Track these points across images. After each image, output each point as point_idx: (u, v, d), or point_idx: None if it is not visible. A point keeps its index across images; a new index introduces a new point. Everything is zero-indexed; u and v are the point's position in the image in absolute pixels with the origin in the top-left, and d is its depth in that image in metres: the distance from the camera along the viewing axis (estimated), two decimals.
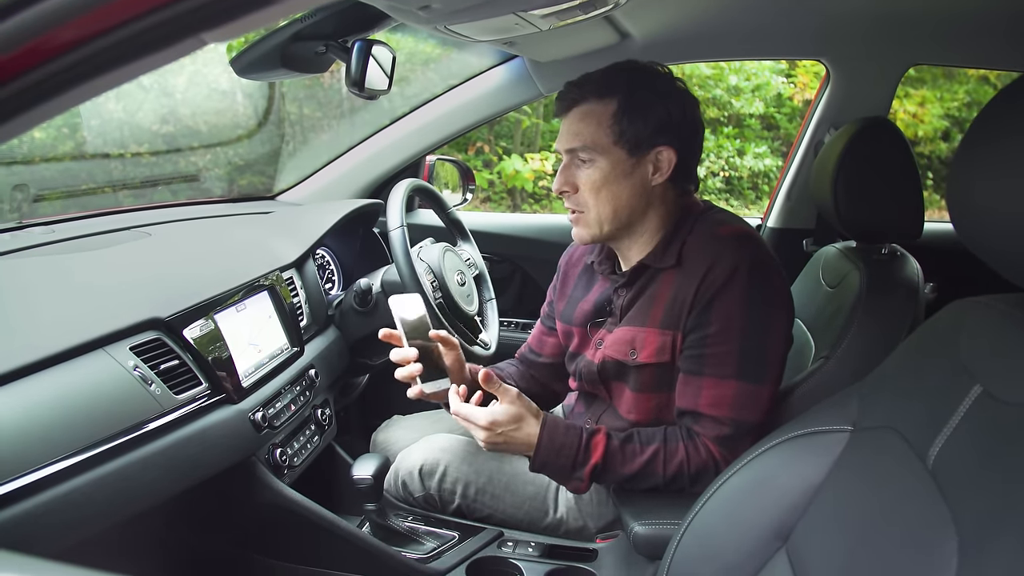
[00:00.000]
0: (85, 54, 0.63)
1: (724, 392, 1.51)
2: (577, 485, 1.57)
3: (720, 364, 1.52)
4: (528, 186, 6.80)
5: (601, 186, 1.57)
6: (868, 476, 1.06)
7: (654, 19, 2.21)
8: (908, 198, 1.74)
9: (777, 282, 1.55)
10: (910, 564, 0.88)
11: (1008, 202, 0.85)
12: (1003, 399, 0.87)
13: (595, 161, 1.57)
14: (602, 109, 1.56)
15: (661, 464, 1.53)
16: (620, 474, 1.55)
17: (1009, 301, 0.99)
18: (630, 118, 1.55)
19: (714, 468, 1.51)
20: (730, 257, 1.51)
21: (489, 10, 1.58)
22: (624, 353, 1.62)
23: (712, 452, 1.52)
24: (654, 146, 1.57)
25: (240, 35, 0.67)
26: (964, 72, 6.77)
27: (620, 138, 1.55)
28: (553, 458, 1.54)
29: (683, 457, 1.53)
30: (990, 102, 0.93)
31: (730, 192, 7.46)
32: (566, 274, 1.90)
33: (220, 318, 1.59)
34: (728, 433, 1.51)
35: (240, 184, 4.43)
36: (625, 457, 1.54)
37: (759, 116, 7.41)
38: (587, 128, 1.56)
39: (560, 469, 1.55)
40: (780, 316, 1.55)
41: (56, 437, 1.16)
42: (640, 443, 1.56)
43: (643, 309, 1.62)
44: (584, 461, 1.53)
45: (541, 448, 1.53)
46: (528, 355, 2.00)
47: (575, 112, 1.59)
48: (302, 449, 1.83)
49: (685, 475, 1.53)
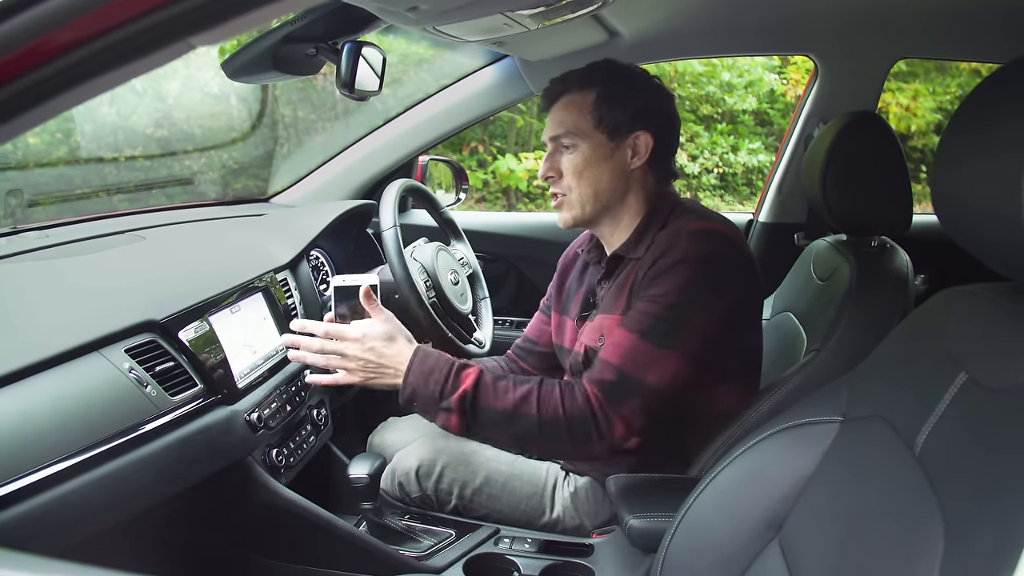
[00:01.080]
0: (75, 59, 0.63)
1: (623, 342, 1.53)
2: (447, 418, 1.52)
3: (635, 320, 1.54)
4: (522, 185, 6.80)
5: (583, 168, 1.65)
6: (858, 465, 1.07)
7: (642, 17, 2.21)
8: (897, 191, 1.75)
9: (729, 275, 1.56)
10: (898, 550, 0.89)
11: (988, 192, 0.86)
12: (988, 386, 0.88)
13: (577, 146, 1.65)
14: (583, 98, 1.65)
15: (535, 404, 1.50)
16: (492, 411, 1.51)
17: (994, 290, 1.00)
18: (609, 104, 1.63)
19: (592, 419, 1.49)
20: (680, 249, 1.54)
21: (477, 10, 1.59)
22: (594, 340, 1.66)
23: (590, 398, 1.50)
24: (632, 131, 1.64)
25: (228, 38, 0.67)
26: (956, 65, 6.76)
27: (600, 123, 1.64)
28: (422, 384, 1.51)
29: (558, 401, 1.50)
30: (970, 94, 0.95)
31: (724, 188, 7.46)
32: (565, 267, 1.95)
33: (215, 320, 1.60)
34: (611, 380, 1.50)
35: (235, 187, 4.42)
36: (497, 393, 1.52)
37: (752, 112, 7.41)
38: (569, 116, 1.65)
39: (429, 398, 1.52)
40: (717, 305, 1.54)
41: (52, 439, 1.16)
42: (513, 383, 1.54)
43: (613, 297, 1.67)
44: (453, 389, 1.51)
45: (411, 372, 1.52)
46: (524, 344, 2.03)
47: (559, 103, 1.68)
48: (298, 449, 1.83)
49: (561, 421, 1.50)
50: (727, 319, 1.55)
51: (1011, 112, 0.85)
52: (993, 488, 0.78)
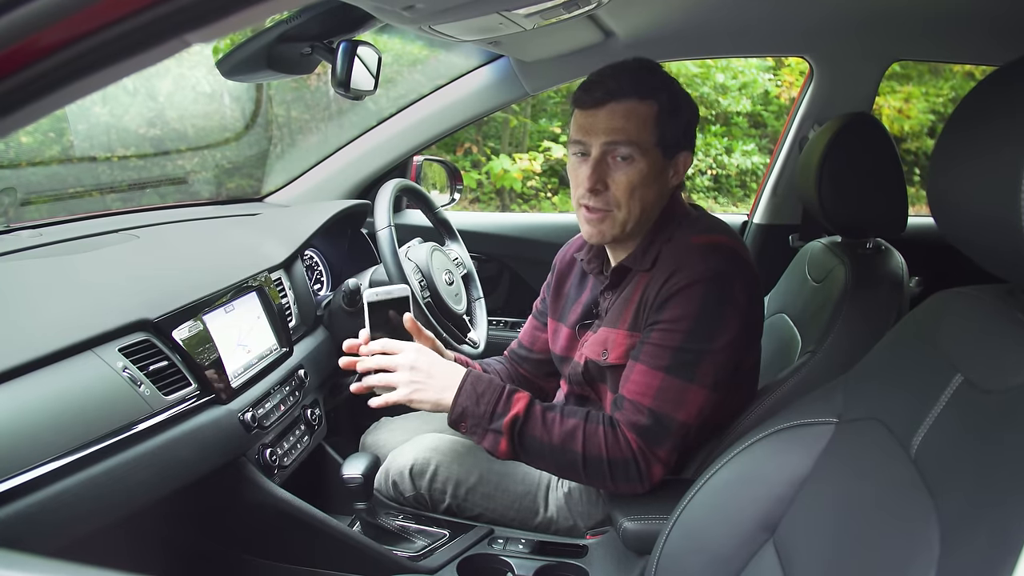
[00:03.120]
0: (68, 56, 0.63)
1: (650, 381, 1.50)
2: (495, 440, 1.52)
3: (655, 355, 1.51)
4: (517, 186, 6.80)
5: (637, 186, 1.54)
6: (853, 467, 1.07)
7: (638, 17, 2.21)
8: (891, 192, 1.75)
9: (740, 295, 1.52)
10: (894, 552, 0.89)
11: (983, 194, 0.86)
12: (983, 387, 0.88)
13: (635, 160, 1.53)
14: (646, 109, 1.53)
15: (580, 442, 1.50)
16: (538, 441, 1.52)
17: (990, 292, 1.01)
18: (670, 121, 1.55)
19: (634, 463, 1.49)
20: (692, 268, 1.50)
21: (473, 10, 1.58)
22: (597, 354, 1.63)
23: (631, 443, 1.50)
24: (680, 149, 1.59)
25: (224, 36, 0.67)
26: (950, 68, 6.79)
27: (661, 139, 1.54)
28: (473, 404, 1.51)
29: (602, 441, 1.50)
30: (966, 96, 0.95)
31: (718, 190, 7.47)
32: (562, 272, 1.89)
33: (209, 319, 1.60)
34: (646, 424, 1.49)
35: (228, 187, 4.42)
36: (545, 423, 1.52)
37: (746, 114, 7.42)
38: (631, 125, 1.53)
39: (479, 418, 1.52)
40: (732, 328, 1.51)
41: (46, 438, 1.16)
42: (561, 414, 1.54)
43: (618, 311, 1.63)
44: (504, 412, 1.51)
45: (462, 392, 1.52)
46: (519, 351, 2.00)
47: (614, 107, 1.53)
48: (292, 449, 1.83)
49: (604, 462, 1.49)
50: (741, 337, 1.54)
51: (1007, 114, 0.85)
52: (989, 490, 0.78)
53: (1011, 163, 0.80)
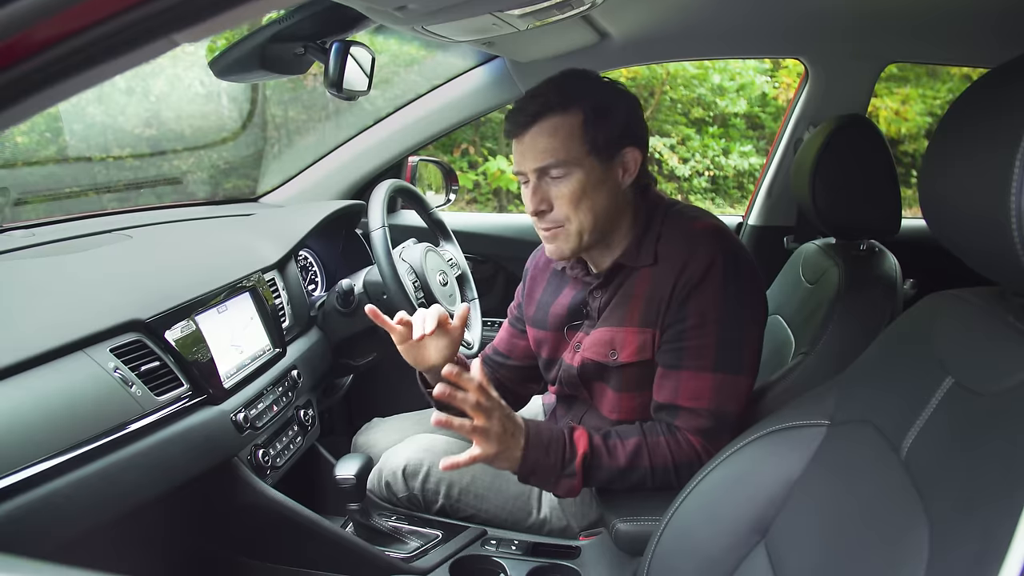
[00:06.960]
0: (56, 55, 0.63)
1: (703, 384, 1.51)
2: (570, 484, 1.50)
3: (698, 356, 1.51)
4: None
5: (580, 197, 1.52)
6: (844, 470, 1.07)
7: (632, 19, 2.21)
8: (885, 194, 1.75)
9: (750, 274, 1.54)
10: (884, 554, 0.89)
11: (976, 196, 0.86)
12: (974, 390, 0.88)
13: (569, 174, 1.51)
14: (571, 120, 1.50)
15: (647, 457, 1.51)
16: (608, 469, 1.51)
17: (981, 294, 1.01)
18: (597, 125, 1.51)
19: (698, 461, 1.49)
20: (706, 253, 1.50)
21: (465, 10, 1.58)
22: (603, 354, 1.61)
23: (694, 445, 1.51)
24: (621, 148, 1.54)
25: (211, 35, 0.67)
26: (947, 70, 6.79)
27: (592, 147, 1.51)
28: (543, 455, 1.48)
29: (666, 450, 1.52)
30: (959, 98, 0.95)
31: (716, 192, 7.47)
32: (533, 278, 1.86)
33: (201, 319, 1.59)
34: (708, 425, 1.51)
35: (225, 187, 4.42)
36: (609, 451, 1.52)
37: (744, 115, 7.42)
38: (557, 142, 1.50)
39: (551, 468, 1.49)
40: (754, 307, 1.56)
41: (37, 438, 1.16)
42: (619, 438, 1.54)
43: (620, 309, 1.61)
44: (573, 455, 1.50)
45: (530, 447, 1.47)
46: (495, 357, 1.95)
47: (538, 128, 1.51)
48: (285, 450, 1.83)
49: (671, 469, 1.51)
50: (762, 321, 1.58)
51: (998, 116, 0.85)
52: (978, 493, 0.78)
53: (1002, 166, 0.80)
